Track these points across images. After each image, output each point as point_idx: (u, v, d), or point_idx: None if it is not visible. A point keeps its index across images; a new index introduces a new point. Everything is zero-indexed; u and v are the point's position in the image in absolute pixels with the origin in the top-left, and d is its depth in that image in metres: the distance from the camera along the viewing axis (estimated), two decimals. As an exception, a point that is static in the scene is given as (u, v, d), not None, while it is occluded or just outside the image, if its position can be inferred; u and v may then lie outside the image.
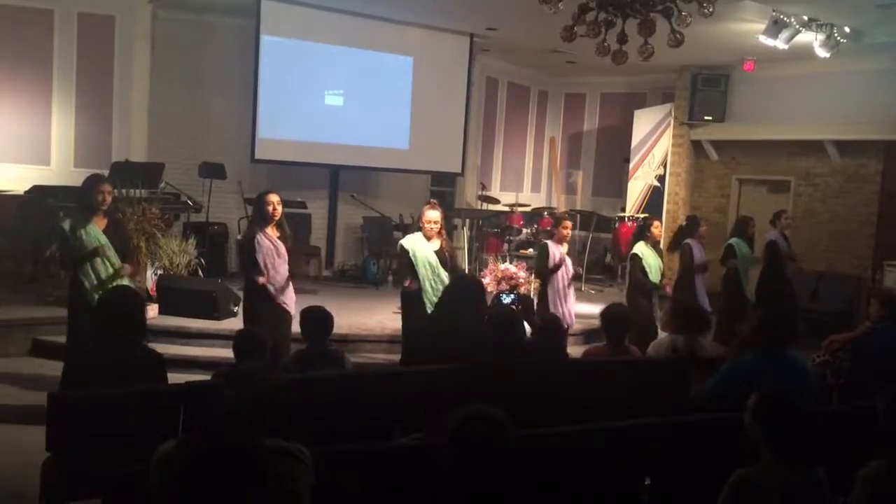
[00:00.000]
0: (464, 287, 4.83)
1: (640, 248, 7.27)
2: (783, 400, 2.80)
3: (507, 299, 7.28)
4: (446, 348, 4.16)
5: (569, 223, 7.32)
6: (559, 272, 6.98)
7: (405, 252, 5.92)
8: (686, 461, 3.32)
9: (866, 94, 9.95)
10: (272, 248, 5.56)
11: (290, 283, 5.67)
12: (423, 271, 5.81)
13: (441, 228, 5.97)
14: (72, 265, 5.45)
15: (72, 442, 3.36)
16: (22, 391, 5.79)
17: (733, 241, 8.41)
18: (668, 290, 7.42)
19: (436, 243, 5.92)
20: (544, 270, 6.98)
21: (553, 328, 4.93)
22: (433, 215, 5.94)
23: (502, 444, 2.23)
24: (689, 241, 8.01)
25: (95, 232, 5.31)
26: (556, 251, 7.02)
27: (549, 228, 8.47)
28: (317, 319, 4.49)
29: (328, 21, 10.02)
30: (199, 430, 2.35)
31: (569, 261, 7.10)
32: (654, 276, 7.21)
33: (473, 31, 10.79)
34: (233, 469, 2.24)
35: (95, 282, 5.27)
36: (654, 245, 7.38)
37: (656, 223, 7.53)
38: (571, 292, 7.16)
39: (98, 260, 5.29)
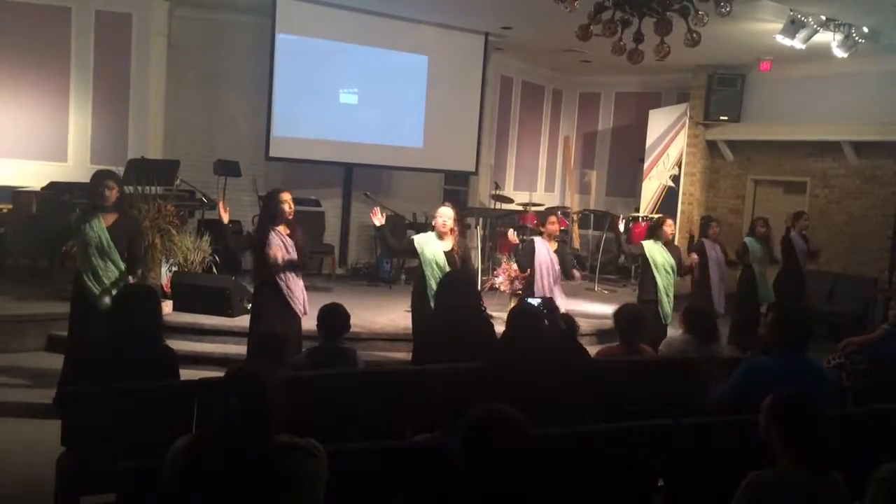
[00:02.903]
0: (458, 286, 4.81)
1: (648, 246, 7.20)
2: (799, 401, 2.78)
3: (534, 302, 7.13)
4: (453, 349, 4.18)
5: (553, 218, 7.06)
6: (543, 269, 6.78)
7: (413, 249, 5.93)
8: (700, 463, 3.31)
9: (884, 94, 9.87)
10: (282, 245, 5.57)
11: (301, 282, 5.67)
12: (428, 270, 5.77)
13: (454, 228, 5.90)
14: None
15: (87, 437, 3.38)
16: (38, 386, 5.83)
17: (746, 239, 8.48)
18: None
19: (447, 243, 5.87)
20: (522, 265, 6.98)
21: (569, 327, 4.91)
22: (443, 211, 5.90)
23: (517, 444, 2.22)
24: (703, 240, 8.10)
25: (99, 227, 5.25)
26: (543, 248, 6.84)
27: (563, 228, 8.16)
28: (333, 317, 4.49)
29: (343, 19, 10.03)
30: (210, 428, 2.36)
31: (555, 259, 6.85)
32: (661, 274, 7.12)
33: (488, 29, 10.78)
34: (246, 465, 2.25)
35: (94, 279, 5.25)
36: (667, 244, 7.31)
37: (669, 222, 7.48)
38: (558, 291, 6.89)
39: (96, 256, 5.23)
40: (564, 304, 6.78)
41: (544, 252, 6.84)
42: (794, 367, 3.80)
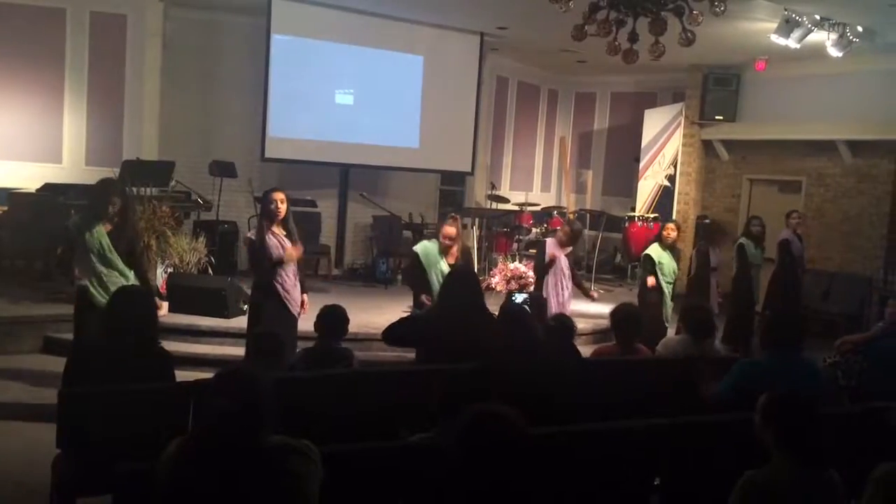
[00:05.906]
0: (463, 283, 4.82)
1: (654, 250, 7.25)
2: (793, 400, 2.78)
3: (518, 299, 7.22)
4: (455, 343, 4.18)
5: (567, 228, 7.20)
6: (556, 274, 6.91)
7: (419, 261, 5.94)
8: (696, 462, 3.31)
9: (879, 93, 9.89)
10: (279, 246, 5.56)
11: (298, 283, 5.67)
12: (433, 278, 5.85)
13: (455, 245, 5.96)
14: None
15: (82, 439, 3.38)
16: (34, 388, 5.82)
17: (742, 240, 8.43)
18: None
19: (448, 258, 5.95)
20: (540, 268, 7.04)
21: (565, 328, 4.91)
22: (451, 231, 5.93)
23: (512, 443, 2.22)
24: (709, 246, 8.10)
25: (100, 234, 5.27)
26: (554, 251, 6.97)
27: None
28: (332, 318, 4.49)
29: (339, 20, 10.03)
30: (201, 430, 2.35)
31: (566, 262, 6.99)
32: (667, 277, 7.21)
33: (484, 30, 10.79)
34: (239, 467, 2.24)
35: (99, 286, 5.24)
36: (671, 247, 7.35)
37: (669, 225, 7.51)
38: (568, 295, 7.05)
39: (98, 263, 5.23)
40: (568, 309, 6.92)
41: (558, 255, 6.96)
42: (789, 366, 3.81)
